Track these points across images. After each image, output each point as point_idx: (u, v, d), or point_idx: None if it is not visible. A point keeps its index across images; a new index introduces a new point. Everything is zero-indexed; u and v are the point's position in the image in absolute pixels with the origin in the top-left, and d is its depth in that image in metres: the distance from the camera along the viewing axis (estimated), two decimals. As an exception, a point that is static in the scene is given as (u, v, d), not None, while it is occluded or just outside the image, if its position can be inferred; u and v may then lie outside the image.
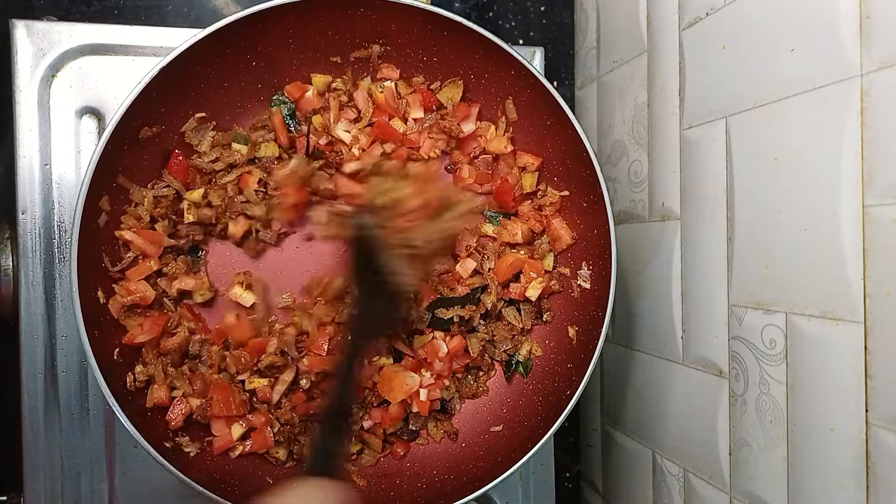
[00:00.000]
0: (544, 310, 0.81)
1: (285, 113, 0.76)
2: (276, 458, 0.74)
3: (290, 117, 0.76)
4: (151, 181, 0.72)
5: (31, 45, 0.74)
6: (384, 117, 0.78)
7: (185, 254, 0.74)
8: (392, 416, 0.76)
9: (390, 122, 0.78)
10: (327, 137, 0.77)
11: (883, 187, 0.53)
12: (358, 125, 0.78)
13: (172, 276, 0.73)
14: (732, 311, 0.69)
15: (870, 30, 0.53)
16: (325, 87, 0.77)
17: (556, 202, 0.80)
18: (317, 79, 0.77)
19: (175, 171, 0.73)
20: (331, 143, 0.77)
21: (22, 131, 0.74)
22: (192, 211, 0.73)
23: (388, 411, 0.76)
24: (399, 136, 0.77)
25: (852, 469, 0.56)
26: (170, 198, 0.72)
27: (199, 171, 0.74)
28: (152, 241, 0.71)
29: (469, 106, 0.80)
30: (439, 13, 0.70)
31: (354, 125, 0.78)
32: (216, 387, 0.71)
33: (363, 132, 0.77)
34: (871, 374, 0.54)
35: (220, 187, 0.74)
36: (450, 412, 0.80)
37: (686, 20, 0.76)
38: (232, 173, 0.74)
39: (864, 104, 0.54)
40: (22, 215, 0.74)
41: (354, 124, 0.78)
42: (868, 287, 0.54)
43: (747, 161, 0.67)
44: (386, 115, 0.78)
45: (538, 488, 0.88)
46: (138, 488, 0.76)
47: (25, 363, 0.74)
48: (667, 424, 0.82)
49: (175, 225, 0.73)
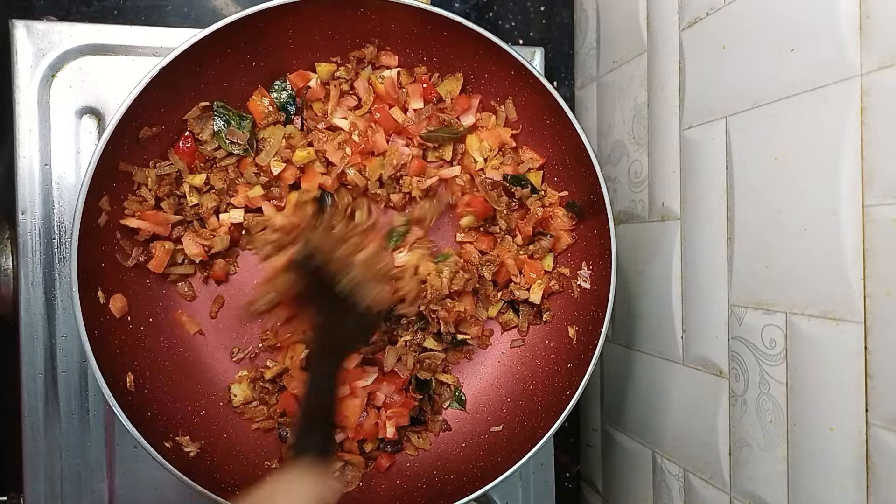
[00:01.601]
0: (544, 310, 0.81)
1: (284, 98, 0.76)
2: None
3: (290, 103, 0.77)
4: (154, 160, 0.73)
5: (31, 45, 0.74)
6: (385, 106, 0.78)
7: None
8: (364, 432, 0.77)
9: (390, 111, 0.77)
10: (326, 124, 0.77)
11: (883, 187, 0.53)
12: (357, 112, 0.78)
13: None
14: (732, 311, 0.69)
15: (870, 30, 0.53)
16: (328, 76, 0.77)
17: (555, 202, 0.80)
18: (321, 67, 0.77)
19: (182, 153, 0.73)
20: (331, 128, 0.77)
21: (22, 131, 0.74)
22: (193, 194, 0.73)
23: (356, 430, 0.77)
24: (398, 125, 0.77)
25: (852, 469, 0.56)
26: (172, 176, 0.73)
27: (202, 157, 0.75)
28: (159, 223, 0.72)
29: (469, 98, 0.79)
30: (439, 13, 0.70)
31: (353, 112, 0.78)
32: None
33: (361, 119, 0.77)
34: (871, 374, 0.54)
35: (220, 169, 0.75)
36: (425, 421, 0.80)
37: (686, 20, 0.76)
38: (233, 157, 0.75)
39: (864, 104, 0.54)
40: (22, 215, 0.74)
41: (353, 111, 0.78)
42: (868, 287, 0.54)
43: (747, 161, 0.67)
44: (386, 104, 0.78)
45: (538, 488, 0.88)
46: (138, 488, 0.76)
47: (25, 363, 0.74)
48: (667, 424, 0.82)
49: (180, 201, 0.74)
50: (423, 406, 0.80)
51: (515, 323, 0.82)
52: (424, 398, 0.80)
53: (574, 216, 0.79)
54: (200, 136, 0.74)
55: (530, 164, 0.80)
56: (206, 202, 0.74)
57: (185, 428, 0.71)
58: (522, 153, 0.81)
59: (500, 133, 0.79)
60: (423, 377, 0.79)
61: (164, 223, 0.72)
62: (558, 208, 0.80)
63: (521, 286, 0.80)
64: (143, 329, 0.72)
